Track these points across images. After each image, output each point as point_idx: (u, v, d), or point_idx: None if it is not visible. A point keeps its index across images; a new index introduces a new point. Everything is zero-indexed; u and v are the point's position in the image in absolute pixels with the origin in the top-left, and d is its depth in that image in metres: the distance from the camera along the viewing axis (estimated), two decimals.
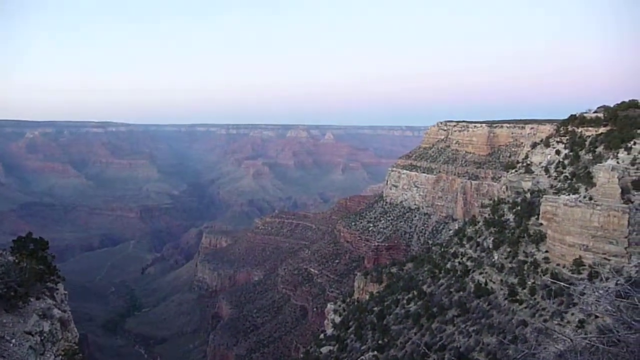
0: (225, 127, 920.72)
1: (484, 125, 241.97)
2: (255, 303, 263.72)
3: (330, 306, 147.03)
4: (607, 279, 78.13)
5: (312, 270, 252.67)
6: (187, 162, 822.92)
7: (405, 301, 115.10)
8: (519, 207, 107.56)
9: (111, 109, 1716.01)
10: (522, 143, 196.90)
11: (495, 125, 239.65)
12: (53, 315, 17.65)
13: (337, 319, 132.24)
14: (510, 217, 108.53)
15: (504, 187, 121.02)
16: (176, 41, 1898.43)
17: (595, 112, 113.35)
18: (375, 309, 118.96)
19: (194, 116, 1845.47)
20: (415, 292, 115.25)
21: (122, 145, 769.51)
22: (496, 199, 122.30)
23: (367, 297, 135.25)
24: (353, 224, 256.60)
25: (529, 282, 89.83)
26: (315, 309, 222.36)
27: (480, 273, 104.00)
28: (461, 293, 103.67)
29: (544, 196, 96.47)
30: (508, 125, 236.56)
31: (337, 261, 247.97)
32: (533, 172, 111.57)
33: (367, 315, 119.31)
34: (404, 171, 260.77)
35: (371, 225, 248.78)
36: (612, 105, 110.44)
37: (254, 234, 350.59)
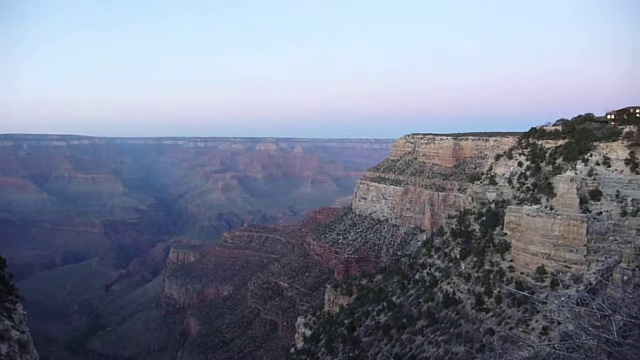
0: (193, 140, 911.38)
1: (449, 137, 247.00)
2: (225, 318, 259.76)
3: (300, 319, 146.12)
4: (568, 286, 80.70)
5: (282, 283, 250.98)
6: (153, 176, 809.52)
7: (375, 313, 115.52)
8: (484, 218, 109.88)
9: (73, 121, 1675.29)
10: (486, 155, 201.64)
11: (460, 137, 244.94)
12: (11, 337, 17.06)
13: (308, 333, 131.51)
14: (476, 227, 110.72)
15: (469, 198, 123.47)
16: (141, 53, 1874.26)
17: (554, 125, 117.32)
18: (346, 321, 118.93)
19: (160, 129, 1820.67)
20: (385, 304, 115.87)
21: (85, 159, 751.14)
22: (462, 209, 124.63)
23: (338, 309, 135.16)
24: (322, 236, 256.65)
25: (495, 291, 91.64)
26: (285, 323, 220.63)
27: (448, 283, 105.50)
28: (430, 303, 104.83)
29: (508, 207, 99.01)
30: (473, 137, 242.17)
31: (307, 274, 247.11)
32: (497, 183, 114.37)
33: (337, 327, 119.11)
34: (373, 183, 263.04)
35: (341, 237, 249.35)
36: (569, 119, 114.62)
37: (223, 248, 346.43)
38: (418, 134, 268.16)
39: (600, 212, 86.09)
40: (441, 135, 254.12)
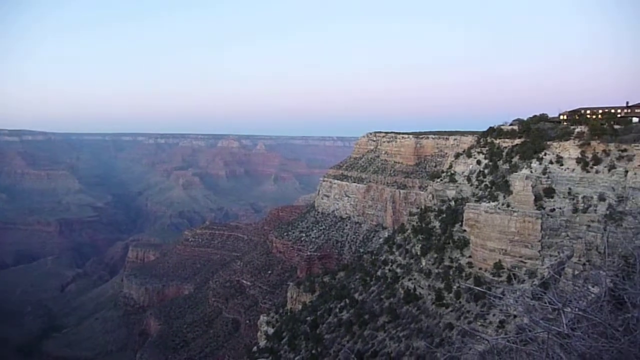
0: (154, 136, 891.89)
1: (411, 136, 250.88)
2: (186, 318, 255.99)
3: (263, 318, 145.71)
4: (523, 281, 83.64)
5: (245, 282, 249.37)
6: (112, 173, 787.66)
7: (337, 310, 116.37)
8: (444, 215, 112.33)
9: (27, 116, 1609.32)
10: (446, 153, 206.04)
11: (421, 136, 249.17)
12: None
13: (270, 331, 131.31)
14: (437, 224, 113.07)
15: (430, 195, 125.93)
16: (99, 46, 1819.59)
17: (511, 124, 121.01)
18: (309, 318, 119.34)
19: (119, 125, 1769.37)
20: (348, 300, 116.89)
21: (39, 155, 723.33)
22: (423, 207, 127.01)
23: (300, 307, 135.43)
24: (285, 234, 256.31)
25: (455, 287, 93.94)
26: (247, 322, 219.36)
27: (409, 279, 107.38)
28: (391, 299, 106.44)
29: (467, 204, 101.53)
30: (433, 136, 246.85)
31: (269, 272, 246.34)
32: (457, 181, 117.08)
33: (300, 325, 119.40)
34: (335, 181, 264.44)
35: (303, 235, 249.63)
36: (525, 119, 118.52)
37: (184, 247, 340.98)
38: (380, 132, 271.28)
39: (554, 209, 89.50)
40: (403, 133, 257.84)
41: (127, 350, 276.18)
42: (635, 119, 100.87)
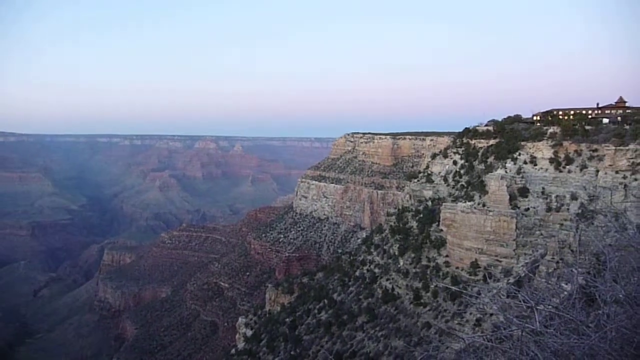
0: (129, 137, 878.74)
1: (388, 137, 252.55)
2: (163, 321, 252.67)
3: (241, 320, 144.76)
4: (498, 279, 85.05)
5: (223, 284, 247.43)
6: (86, 175, 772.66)
7: (316, 310, 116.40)
8: (421, 215, 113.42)
9: None
10: (423, 154, 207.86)
11: (398, 137, 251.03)
12: None
13: (249, 333, 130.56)
14: (414, 224, 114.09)
15: (407, 196, 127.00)
16: (74, 45, 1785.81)
17: (486, 125, 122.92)
18: (287, 320, 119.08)
19: (94, 126, 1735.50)
20: (326, 301, 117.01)
21: (12, 156, 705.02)
22: (401, 207, 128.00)
23: (279, 308, 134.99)
24: (263, 235, 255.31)
25: (432, 286, 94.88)
26: (226, 324, 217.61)
27: (388, 279, 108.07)
28: (370, 299, 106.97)
29: (444, 204, 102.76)
30: (410, 137, 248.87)
31: (247, 274, 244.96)
32: (433, 181, 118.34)
33: (279, 326, 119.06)
34: (313, 182, 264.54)
35: (282, 236, 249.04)
36: (500, 120, 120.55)
37: (161, 249, 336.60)
38: (358, 133, 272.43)
39: (528, 208, 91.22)
40: (380, 134, 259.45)
41: (103, 356, 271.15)
42: (605, 120, 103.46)
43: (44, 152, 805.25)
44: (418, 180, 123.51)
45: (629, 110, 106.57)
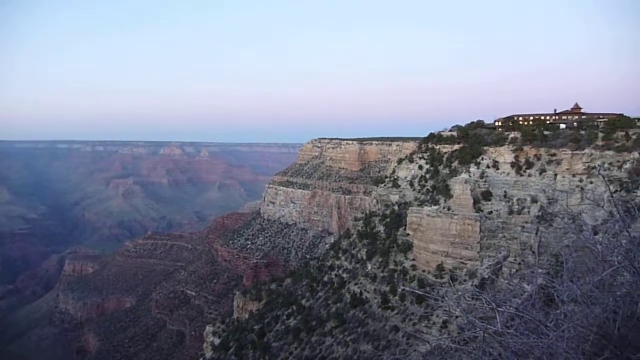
0: (91, 143, 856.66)
1: (355, 142, 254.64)
2: (127, 332, 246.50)
3: (208, 328, 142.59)
4: (464, 281, 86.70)
5: (189, 292, 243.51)
6: (46, 183, 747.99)
7: (285, 317, 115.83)
8: (388, 219, 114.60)
9: None
10: (389, 159, 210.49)
11: (365, 142, 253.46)
12: None
13: (217, 341, 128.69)
14: (381, 228, 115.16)
15: (374, 200, 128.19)
16: (33, 48, 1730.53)
17: (450, 130, 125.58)
18: (256, 327, 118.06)
19: (54, 132, 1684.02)
20: (295, 307, 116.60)
21: None
22: (368, 212, 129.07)
23: (247, 315, 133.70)
24: (231, 242, 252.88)
25: (399, 289, 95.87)
26: (193, 333, 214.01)
27: (356, 284, 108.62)
28: (338, 304, 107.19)
29: (410, 208, 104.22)
30: (377, 142, 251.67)
31: (215, 281, 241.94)
32: (400, 186, 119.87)
33: (247, 334, 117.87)
34: (281, 187, 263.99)
35: (249, 242, 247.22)
36: (463, 125, 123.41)
37: (125, 258, 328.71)
38: (325, 138, 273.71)
39: (491, 212, 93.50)
40: (347, 140, 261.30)
41: None
42: (562, 126, 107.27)
43: (0, 159, 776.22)
44: (385, 185, 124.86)
45: (584, 116, 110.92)
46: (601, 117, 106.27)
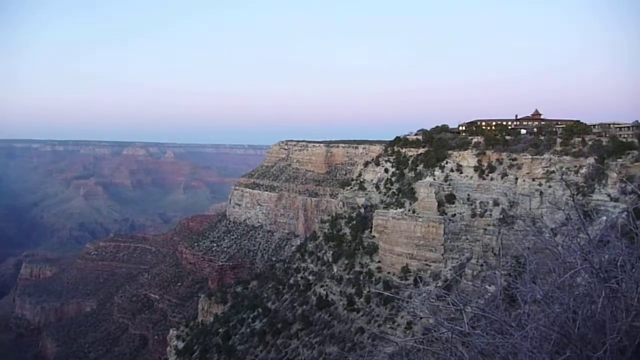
0: (50, 143, 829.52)
1: (322, 145, 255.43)
2: (88, 337, 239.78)
3: (172, 332, 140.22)
4: (428, 283, 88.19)
5: (153, 295, 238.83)
6: (1, 183, 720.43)
7: (250, 320, 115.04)
8: (354, 222, 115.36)
9: None
10: (356, 162, 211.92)
11: (332, 145, 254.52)
12: None
13: (181, 345, 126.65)
14: (347, 231, 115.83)
15: (340, 203, 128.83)
16: None
17: (415, 134, 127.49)
18: (221, 330, 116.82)
19: (11, 130, 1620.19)
20: (260, 310, 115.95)
21: None
22: (334, 214, 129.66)
23: (212, 319, 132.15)
24: (196, 244, 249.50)
25: (365, 291, 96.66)
26: (156, 337, 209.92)
27: (322, 286, 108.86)
28: (304, 307, 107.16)
29: (376, 211, 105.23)
30: (343, 145, 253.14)
31: (179, 284, 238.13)
32: (366, 188, 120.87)
33: (212, 337, 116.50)
34: (247, 190, 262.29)
35: (215, 245, 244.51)
36: (428, 129, 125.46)
37: (86, 261, 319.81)
38: (292, 140, 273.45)
39: (455, 214, 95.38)
40: (314, 142, 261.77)
41: None
42: (523, 131, 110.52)
43: None
44: (351, 188, 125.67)
45: (544, 122, 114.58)
46: (559, 123, 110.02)
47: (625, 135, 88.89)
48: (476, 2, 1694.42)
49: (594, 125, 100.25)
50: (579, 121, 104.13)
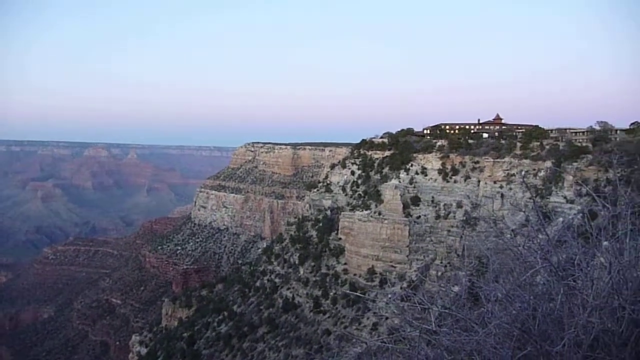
0: (6, 143, 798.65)
1: (288, 147, 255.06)
2: (45, 344, 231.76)
3: (135, 338, 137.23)
4: (394, 284, 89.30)
5: (114, 300, 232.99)
6: None
7: (216, 323, 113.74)
8: (321, 224, 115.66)
9: None
10: (322, 164, 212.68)
11: (298, 147, 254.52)
12: None
13: (144, 351, 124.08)
14: (314, 233, 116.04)
15: (307, 205, 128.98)
16: None
17: (381, 137, 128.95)
18: (185, 334, 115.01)
19: None
20: (226, 313, 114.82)
21: None
22: (301, 216, 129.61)
23: (176, 323, 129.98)
24: (159, 247, 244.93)
25: (331, 293, 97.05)
26: (118, 343, 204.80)
27: (288, 288, 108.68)
28: (271, 309, 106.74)
29: (342, 213, 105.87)
30: (310, 147, 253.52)
31: (142, 288, 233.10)
32: (332, 191, 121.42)
33: (176, 342, 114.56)
34: (213, 192, 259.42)
35: (179, 248, 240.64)
36: (394, 132, 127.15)
37: (43, 266, 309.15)
38: (258, 142, 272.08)
39: (419, 216, 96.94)
40: (280, 144, 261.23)
41: None
42: (485, 135, 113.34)
43: None
44: (317, 190, 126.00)
45: (504, 127, 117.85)
46: (519, 127, 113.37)
47: (580, 140, 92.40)
48: (443, 7, 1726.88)
49: (552, 130, 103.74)
50: (537, 126, 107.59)
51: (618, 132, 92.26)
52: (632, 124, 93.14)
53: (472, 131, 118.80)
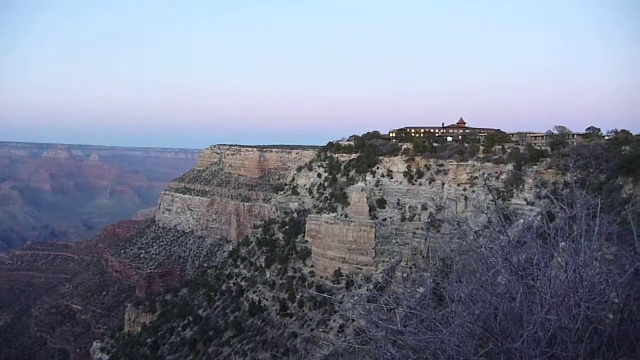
0: None
1: (255, 149, 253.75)
2: (1, 353, 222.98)
3: (96, 344, 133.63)
4: (360, 286, 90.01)
5: (75, 306, 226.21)
6: None
7: (180, 328, 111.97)
8: (287, 227, 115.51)
9: None
10: (289, 167, 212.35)
11: (265, 150, 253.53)
12: None
13: (106, 358, 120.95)
14: (280, 236, 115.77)
15: (274, 208, 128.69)
16: None
17: (348, 140, 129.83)
18: (149, 340, 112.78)
19: None
20: (191, 318, 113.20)
21: None
22: (267, 219, 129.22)
23: (140, 329, 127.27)
24: (123, 251, 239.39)
25: (298, 296, 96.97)
26: (78, 350, 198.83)
27: (255, 292, 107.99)
28: (237, 313, 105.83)
29: (309, 215, 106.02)
30: (277, 150, 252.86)
31: (104, 294, 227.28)
32: (299, 193, 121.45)
33: (139, 348, 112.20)
34: (178, 194, 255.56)
35: (143, 252, 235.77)
36: (360, 135, 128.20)
37: None
38: (224, 145, 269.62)
39: (386, 219, 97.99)
40: (247, 147, 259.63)
41: None
42: (449, 139, 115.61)
43: None
44: (284, 193, 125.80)
45: (468, 131, 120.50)
46: (482, 131, 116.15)
47: (540, 144, 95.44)
48: (410, 10, 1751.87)
49: (513, 134, 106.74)
50: (499, 130, 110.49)
51: (575, 136, 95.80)
52: (588, 129, 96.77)
53: (437, 135, 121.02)
